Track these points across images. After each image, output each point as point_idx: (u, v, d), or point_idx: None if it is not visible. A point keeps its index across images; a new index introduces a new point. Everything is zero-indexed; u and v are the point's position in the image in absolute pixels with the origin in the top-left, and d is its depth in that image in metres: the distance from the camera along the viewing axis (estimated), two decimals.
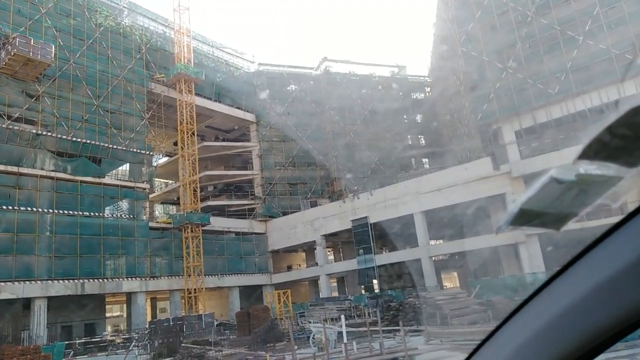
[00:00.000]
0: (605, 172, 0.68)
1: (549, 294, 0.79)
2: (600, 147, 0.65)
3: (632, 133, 0.63)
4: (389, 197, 37.84)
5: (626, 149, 0.65)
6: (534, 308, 0.81)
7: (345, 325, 19.54)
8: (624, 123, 0.63)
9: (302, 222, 43.87)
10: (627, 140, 0.64)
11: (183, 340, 25.53)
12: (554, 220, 0.76)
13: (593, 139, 0.66)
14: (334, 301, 33.21)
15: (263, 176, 48.01)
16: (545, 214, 0.75)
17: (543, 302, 0.80)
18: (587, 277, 0.71)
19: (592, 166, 0.68)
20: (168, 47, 43.19)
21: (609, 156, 0.66)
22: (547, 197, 0.73)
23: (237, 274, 42.50)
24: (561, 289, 0.76)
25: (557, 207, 0.74)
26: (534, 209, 0.75)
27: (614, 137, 0.64)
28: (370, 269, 38.30)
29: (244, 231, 44.41)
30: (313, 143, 50.25)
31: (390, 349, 12.22)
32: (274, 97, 50.49)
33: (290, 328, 14.42)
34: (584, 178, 0.69)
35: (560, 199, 0.73)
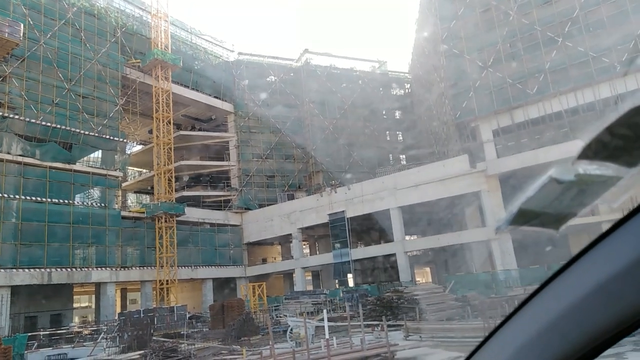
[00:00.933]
0: (604, 172, 0.67)
1: (548, 293, 0.78)
2: (600, 146, 0.65)
3: (632, 133, 0.62)
4: (367, 192, 37.82)
5: (626, 149, 0.64)
6: (533, 308, 0.81)
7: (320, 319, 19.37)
8: (624, 123, 0.62)
9: (279, 215, 43.48)
10: (627, 140, 0.63)
11: (154, 333, 24.92)
12: (553, 220, 0.76)
13: (593, 138, 0.65)
14: (309, 295, 33.03)
15: (240, 167, 47.34)
16: (545, 213, 0.75)
17: (543, 302, 0.79)
18: (587, 277, 0.70)
19: (592, 166, 0.68)
20: (145, 32, 41.92)
21: (609, 156, 0.65)
22: (546, 197, 0.73)
23: (211, 265, 41.87)
24: (561, 288, 0.75)
25: (556, 207, 0.74)
26: (533, 209, 0.75)
27: (614, 136, 0.64)
28: (345, 263, 38.27)
29: (219, 223, 43.74)
30: (292, 136, 49.81)
31: (371, 344, 12.06)
32: (253, 88, 49.78)
33: (269, 322, 14.06)
34: (583, 178, 0.69)
35: (560, 199, 0.73)
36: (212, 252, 42.52)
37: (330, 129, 49.49)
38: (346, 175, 47.77)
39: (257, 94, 49.71)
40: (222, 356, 16.87)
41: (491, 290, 25.39)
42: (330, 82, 50.83)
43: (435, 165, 35.56)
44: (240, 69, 50.00)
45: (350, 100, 51.03)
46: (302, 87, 50.24)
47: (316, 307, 28.69)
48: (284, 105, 50.30)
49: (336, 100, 50.53)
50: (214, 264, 42.23)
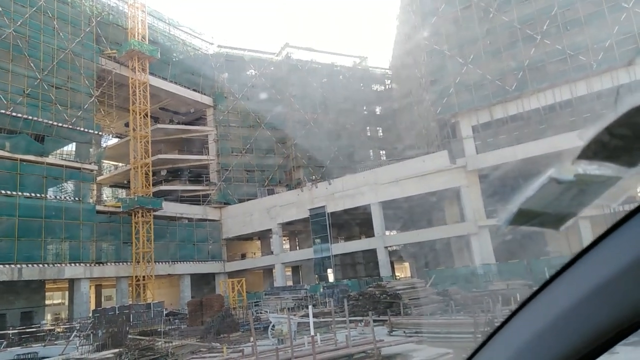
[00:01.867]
0: (604, 172, 0.68)
1: (549, 294, 0.78)
2: (600, 146, 0.65)
3: (632, 133, 0.63)
4: (348, 187, 37.74)
5: (626, 149, 0.64)
6: (534, 308, 0.81)
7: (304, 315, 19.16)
8: (623, 123, 0.62)
9: (259, 210, 43.06)
10: (626, 140, 0.63)
11: (130, 330, 24.30)
12: (553, 219, 0.76)
13: (592, 138, 0.65)
14: (289, 290, 32.79)
15: (219, 162, 46.67)
16: (544, 213, 0.75)
17: (543, 302, 0.79)
18: (587, 278, 0.71)
19: (591, 166, 0.68)
20: (121, 22, 40.82)
21: (609, 156, 0.66)
22: (546, 197, 0.73)
23: (189, 261, 41.22)
24: (561, 289, 0.75)
25: (556, 207, 0.74)
26: (533, 209, 0.75)
27: (613, 136, 0.64)
28: (326, 258, 38.16)
29: (197, 217, 43.06)
30: (272, 130, 49.37)
31: (355, 340, 11.89)
32: (233, 81, 49.10)
33: (250, 318, 13.76)
34: (583, 178, 0.69)
35: (559, 198, 0.73)
36: (190, 248, 41.86)
37: (311, 124, 49.19)
38: (327, 170, 47.61)
39: (237, 88, 49.04)
40: (201, 354, 16.52)
41: (471, 284, 25.62)
42: (311, 77, 50.49)
43: (416, 161, 35.67)
44: (220, 61, 49.21)
45: (331, 95, 50.80)
46: (283, 81, 49.78)
47: (297, 302, 28.48)
48: (264, 99, 49.74)
49: (317, 95, 50.22)
50: (192, 260, 41.61)
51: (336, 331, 13.65)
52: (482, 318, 11.66)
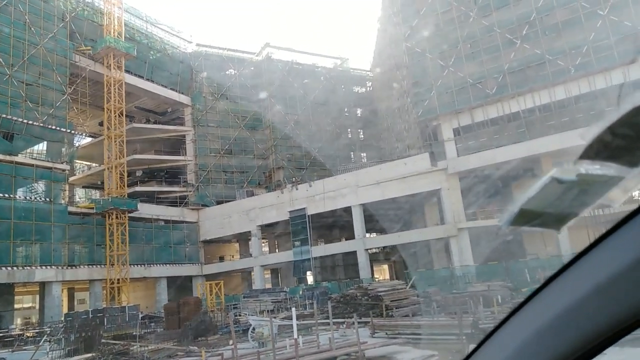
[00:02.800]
0: (606, 172, 0.68)
1: (548, 294, 0.78)
2: (602, 146, 0.65)
3: (634, 133, 0.63)
4: (328, 189, 37.47)
5: (628, 149, 0.64)
6: (533, 308, 0.81)
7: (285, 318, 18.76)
8: (625, 123, 0.62)
9: (238, 212, 42.40)
10: (628, 140, 0.64)
11: (103, 334, 23.44)
12: (554, 220, 0.77)
13: (594, 138, 0.65)
14: (268, 293, 32.28)
15: (197, 163, 45.82)
16: (546, 213, 0.75)
17: (543, 302, 0.80)
18: (587, 277, 0.71)
19: (593, 166, 0.69)
20: (96, 18, 39.72)
21: (611, 156, 0.66)
22: (547, 197, 0.73)
23: (165, 264, 40.27)
24: (561, 289, 0.76)
25: (557, 207, 0.74)
26: (535, 209, 0.75)
27: (615, 136, 0.64)
28: (306, 261, 37.77)
29: (174, 219, 42.14)
30: (251, 131, 48.79)
31: (338, 342, 11.55)
32: (212, 81, 48.36)
33: (230, 320, 13.28)
34: (584, 178, 0.70)
35: (561, 199, 0.73)
36: (167, 250, 40.92)
37: (291, 125, 48.79)
38: (308, 172, 47.28)
39: (216, 87, 48.33)
40: (179, 358, 15.94)
41: (451, 286, 25.62)
42: (292, 78, 50.12)
43: (397, 163, 35.67)
44: (199, 60, 48.42)
45: (312, 97, 50.52)
46: (263, 81, 49.24)
47: (276, 305, 28.01)
48: (243, 100, 49.15)
49: (298, 96, 49.87)
50: (169, 262, 40.67)
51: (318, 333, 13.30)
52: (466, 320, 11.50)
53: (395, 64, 42.65)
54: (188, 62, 47.84)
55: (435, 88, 34.43)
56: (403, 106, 41.17)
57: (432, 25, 35.63)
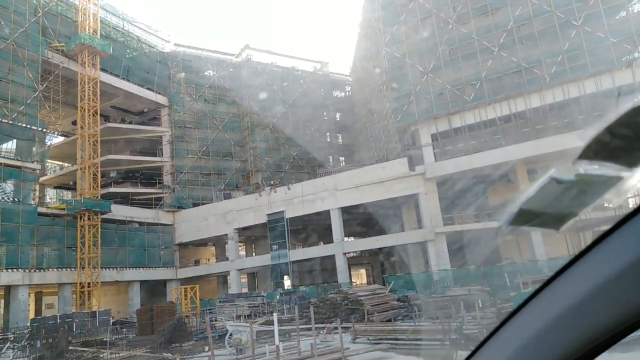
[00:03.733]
0: (605, 172, 0.68)
1: (549, 294, 0.79)
2: (600, 147, 0.66)
3: (632, 133, 0.63)
4: (307, 193, 37.24)
5: (626, 149, 0.65)
6: (534, 308, 0.82)
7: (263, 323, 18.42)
8: (624, 123, 0.62)
9: (214, 215, 41.74)
10: (627, 140, 0.64)
11: (72, 340, 22.63)
12: (553, 220, 0.77)
13: (593, 138, 0.65)
14: (245, 297, 31.78)
15: (173, 164, 45.00)
16: (545, 213, 0.76)
17: (543, 302, 0.80)
18: (587, 277, 0.71)
19: (592, 166, 0.69)
20: (71, 14, 38.66)
21: (609, 156, 0.66)
22: (546, 197, 0.74)
23: (139, 267, 39.28)
24: (561, 289, 0.76)
25: (556, 207, 0.75)
26: (534, 209, 0.75)
27: (614, 137, 0.64)
28: (283, 265, 37.39)
29: (149, 222, 41.20)
30: (230, 133, 48.24)
31: (320, 349, 11.30)
32: (190, 81, 47.69)
33: (207, 326, 12.89)
34: (583, 178, 0.70)
35: (560, 199, 0.73)
36: (141, 253, 39.94)
37: (270, 128, 48.45)
38: (286, 174, 46.98)
39: (194, 88, 47.64)
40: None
41: (430, 290, 25.69)
42: (271, 80, 49.81)
43: (376, 167, 35.73)
44: (177, 60, 47.67)
45: (291, 100, 50.30)
46: (242, 83, 48.82)
47: (253, 310, 27.58)
48: (222, 101, 48.61)
49: (277, 99, 49.58)
50: (143, 266, 39.69)
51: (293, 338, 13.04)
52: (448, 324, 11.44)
53: (374, 69, 42.81)
54: (166, 61, 47.04)
55: (414, 93, 34.65)
56: (382, 111, 41.33)
57: (412, 31, 35.89)
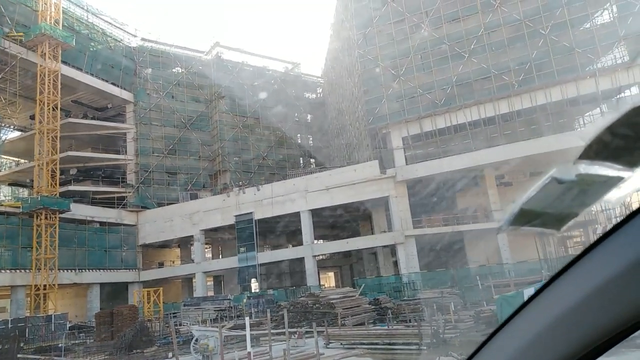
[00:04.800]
0: (605, 172, 0.68)
1: (550, 294, 0.79)
2: (601, 147, 0.66)
3: (633, 133, 0.63)
4: (277, 194, 36.64)
5: (627, 149, 0.65)
6: (534, 310, 0.82)
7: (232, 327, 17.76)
8: (624, 123, 0.63)
9: (180, 215, 40.54)
10: (627, 140, 0.64)
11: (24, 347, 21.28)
12: (554, 220, 0.77)
13: (593, 138, 0.66)
14: (211, 301, 30.89)
15: (138, 162, 43.50)
16: (546, 213, 0.76)
17: (544, 303, 0.80)
18: (588, 278, 0.71)
19: (593, 166, 0.69)
20: (31, 3, 36.78)
21: (610, 156, 0.66)
22: (547, 197, 0.74)
23: (99, 269, 37.65)
24: (562, 289, 0.76)
25: (557, 207, 0.75)
26: (535, 209, 0.75)
27: (614, 137, 0.64)
28: (251, 267, 36.61)
29: (110, 222, 39.60)
30: (198, 132, 47.11)
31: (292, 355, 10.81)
32: (157, 78, 46.28)
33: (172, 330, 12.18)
34: (584, 178, 0.70)
35: (561, 199, 0.73)
36: (101, 254, 38.30)
37: (240, 127, 47.59)
38: (255, 175, 46.22)
39: (161, 85, 46.28)
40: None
41: (400, 293, 25.59)
42: (242, 79, 48.99)
43: (347, 170, 35.54)
44: (143, 56, 46.19)
45: (262, 100, 49.62)
46: (212, 81, 47.81)
47: (219, 313, 26.76)
48: (190, 99, 47.43)
49: (247, 99, 48.80)
50: (103, 268, 38.06)
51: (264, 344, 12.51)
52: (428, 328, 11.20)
53: (347, 71, 42.73)
54: (132, 56, 45.50)
55: (386, 96, 34.70)
56: (354, 113, 41.27)
57: (385, 35, 35.98)
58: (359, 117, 38.64)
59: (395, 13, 35.54)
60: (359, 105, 38.25)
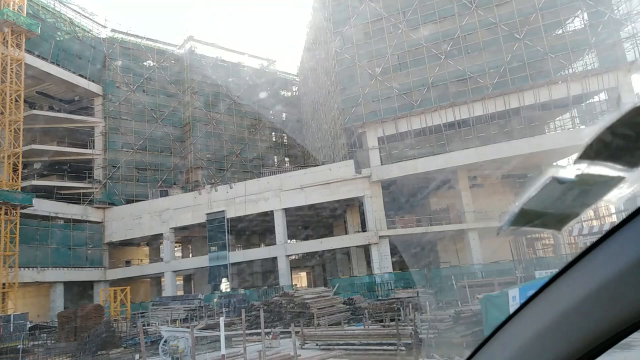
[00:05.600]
0: (606, 172, 0.68)
1: (550, 294, 0.79)
2: (602, 147, 0.66)
3: (634, 133, 0.63)
4: (250, 192, 36.03)
5: (628, 149, 0.65)
6: (535, 308, 0.82)
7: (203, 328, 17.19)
8: (625, 123, 0.62)
9: (149, 213, 39.39)
10: (628, 140, 0.64)
11: None
12: (555, 220, 0.77)
13: (594, 138, 0.66)
14: (181, 301, 30.05)
15: (106, 157, 42.06)
16: (546, 214, 0.76)
17: (545, 302, 0.80)
18: (589, 278, 0.72)
19: (593, 166, 0.69)
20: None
21: (611, 156, 0.66)
22: (548, 197, 0.74)
23: (63, 267, 36.14)
24: (563, 289, 0.77)
25: (558, 207, 0.75)
26: (535, 209, 0.76)
27: (615, 136, 0.64)
28: (222, 267, 35.89)
29: (76, 218, 38.13)
30: (169, 127, 45.94)
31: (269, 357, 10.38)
32: (128, 70, 44.88)
33: (140, 331, 11.56)
34: (584, 178, 0.70)
35: (562, 199, 0.74)
36: (65, 252, 36.80)
37: (213, 124, 46.65)
38: (228, 173, 45.41)
39: (132, 78, 44.91)
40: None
41: (374, 292, 25.45)
42: (216, 75, 48.03)
43: (322, 169, 35.28)
44: (113, 48, 44.71)
45: (236, 96, 48.80)
46: (185, 76, 46.72)
47: (189, 313, 26.01)
48: (162, 93, 46.19)
49: (221, 95, 47.91)
50: (67, 266, 36.57)
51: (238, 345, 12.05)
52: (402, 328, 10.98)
53: (323, 70, 42.45)
54: (101, 48, 43.98)
55: (362, 96, 34.58)
56: (329, 112, 41.03)
57: (362, 34, 35.87)
58: (335, 116, 38.43)
59: (372, 12, 35.46)
60: (334, 104, 38.03)
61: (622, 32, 30.10)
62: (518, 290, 8.29)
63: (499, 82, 31.67)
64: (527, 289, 8.40)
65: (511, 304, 7.98)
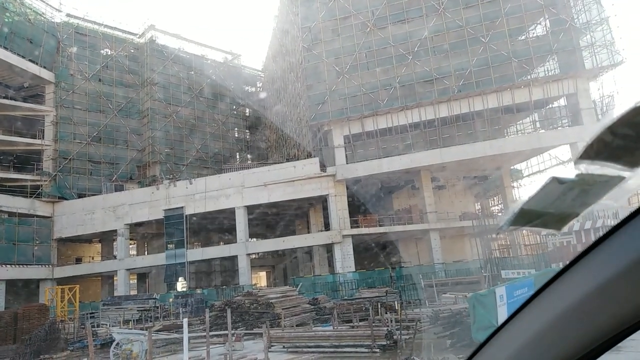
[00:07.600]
0: (606, 172, 0.68)
1: (550, 294, 0.79)
2: (602, 146, 0.65)
3: (634, 133, 0.63)
4: (211, 189, 34.83)
5: (628, 149, 0.64)
6: (535, 309, 0.82)
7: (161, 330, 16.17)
8: (625, 122, 0.62)
9: (103, 208, 37.44)
10: (628, 140, 0.63)
11: None
12: (555, 220, 0.78)
13: (594, 138, 0.65)
14: (134, 300, 28.56)
15: (57, 148, 39.69)
16: (546, 214, 0.76)
17: (544, 302, 0.81)
18: (589, 278, 0.72)
19: (593, 166, 0.69)
20: None
21: (611, 156, 0.66)
22: (548, 197, 0.74)
23: (5, 264, 33.72)
24: (562, 289, 0.77)
25: (558, 207, 0.75)
26: (535, 209, 0.76)
27: (615, 136, 0.64)
28: (180, 265, 34.51)
29: (21, 212, 35.69)
30: (126, 119, 43.92)
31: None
32: (83, 58, 42.60)
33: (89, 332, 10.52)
34: (584, 178, 0.70)
35: (561, 199, 0.74)
36: (9, 248, 34.36)
37: (173, 117, 44.98)
38: (188, 168, 43.90)
39: (87, 66, 42.64)
40: None
41: (338, 292, 25.01)
42: (178, 67, 46.41)
43: (286, 166, 34.54)
44: (68, 33, 42.30)
45: (198, 90, 47.29)
46: (144, 66, 44.82)
47: (143, 314, 24.69)
48: (119, 84, 44.11)
49: (182, 87, 46.30)
50: (10, 263, 34.15)
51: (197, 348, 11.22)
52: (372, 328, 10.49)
53: (289, 66, 41.73)
54: (55, 33, 41.51)
55: (329, 93, 34.12)
56: (295, 109, 40.37)
57: (330, 31, 35.42)
58: (300, 113, 37.81)
59: (341, 9, 35.08)
60: (300, 100, 37.41)
61: (581, 40, 31.05)
62: (505, 289, 8.05)
63: (464, 84, 32.01)
64: (513, 287, 8.18)
65: (499, 303, 7.73)
